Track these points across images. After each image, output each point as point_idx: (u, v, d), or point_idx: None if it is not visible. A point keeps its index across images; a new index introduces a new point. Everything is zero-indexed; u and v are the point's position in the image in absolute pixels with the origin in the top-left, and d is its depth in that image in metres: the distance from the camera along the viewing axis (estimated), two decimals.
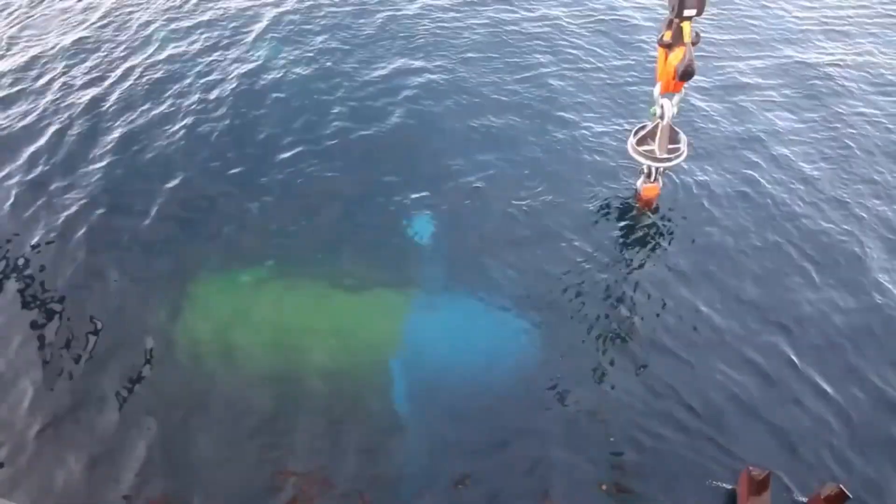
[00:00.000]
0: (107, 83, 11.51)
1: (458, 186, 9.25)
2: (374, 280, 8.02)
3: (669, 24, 7.15)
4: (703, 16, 6.99)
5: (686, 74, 7.25)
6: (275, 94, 11.09)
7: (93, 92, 11.30)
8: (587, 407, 6.66)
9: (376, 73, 11.57)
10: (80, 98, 11.18)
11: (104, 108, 10.89)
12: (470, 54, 12.14)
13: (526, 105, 10.81)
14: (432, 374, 7.02)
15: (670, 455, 6.22)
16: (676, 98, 7.81)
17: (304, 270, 8.16)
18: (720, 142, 10.02)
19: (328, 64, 11.88)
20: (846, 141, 10.03)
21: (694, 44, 7.15)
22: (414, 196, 9.07)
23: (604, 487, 6.01)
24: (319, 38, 12.63)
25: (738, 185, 9.20)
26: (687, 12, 6.94)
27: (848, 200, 8.96)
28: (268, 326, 7.52)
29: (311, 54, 12.15)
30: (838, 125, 10.36)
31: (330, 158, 9.74)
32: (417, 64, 11.84)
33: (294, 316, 7.66)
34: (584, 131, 10.19)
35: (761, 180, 9.27)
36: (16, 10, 14.13)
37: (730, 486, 5.92)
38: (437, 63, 11.87)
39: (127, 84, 11.48)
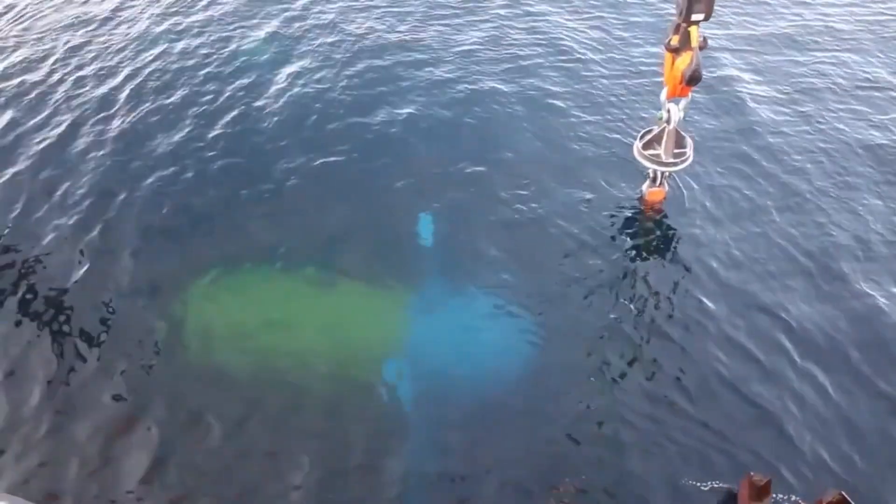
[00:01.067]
0: (106, 84, 11.56)
1: (462, 186, 9.27)
2: (376, 280, 8.03)
3: (677, 29, 7.16)
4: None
5: (693, 79, 7.26)
6: (274, 94, 11.13)
7: (97, 93, 11.35)
8: (589, 406, 6.66)
9: (375, 71, 11.65)
10: (86, 99, 11.25)
11: (109, 109, 10.95)
12: (474, 52, 12.21)
13: (531, 107, 10.82)
14: (434, 374, 7.02)
15: (670, 456, 6.20)
16: (683, 103, 7.81)
17: (307, 270, 8.18)
18: (723, 141, 10.03)
19: (326, 62, 11.94)
20: (844, 139, 10.06)
21: (701, 48, 7.16)
22: (416, 195, 9.09)
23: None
24: (318, 35, 12.72)
25: (743, 187, 9.20)
26: (694, 17, 6.95)
27: (850, 200, 8.95)
28: (270, 325, 7.53)
29: (309, 53, 12.22)
30: (836, 124, 10.38)
31: (331, 158, 9.75)
32: (418, 60, 11.92)
33: (296, 315, 7.69)
34: (588, 134, 10.19)
35: (765, 181, 9.29)
36: (22, 9, 14.26)
37: (726, 486, 5.91)
38: (440, 59, 11.93)
39: (130, 85, 11.51)
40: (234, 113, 10.70)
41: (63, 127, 10.58)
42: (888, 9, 13.44)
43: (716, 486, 5.93)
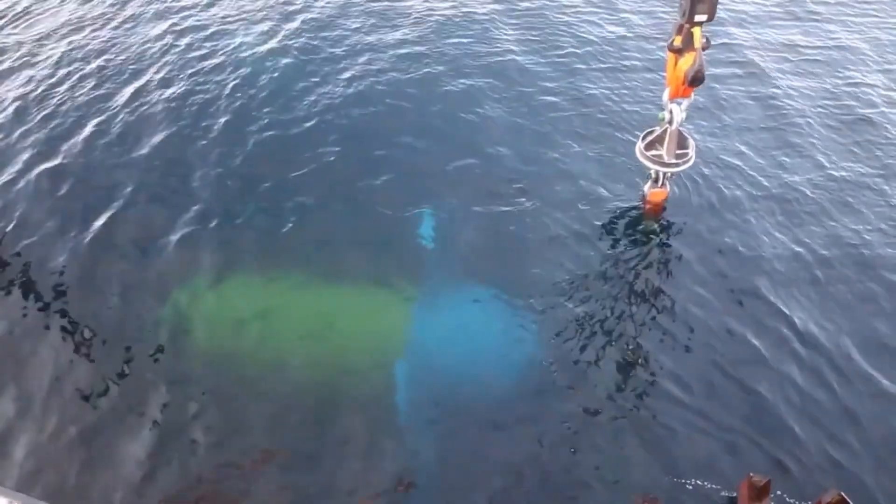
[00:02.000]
0: (106, 84, 11.57)
1: (463, 183, 9.28)
2: (376, 279, 8.04)
3: (680, 30, 7.16)
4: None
5: (696, 80, 7.26)
6: (274, 93, 11.14)
7: (96, 92, 11.36)
8: (590, 403, 6.69)
9: (374, 65, 11.69)
10: (85, 98, 11.25)
11: (109, 109, 10.96)
12: (474, 50, 12.20)
13: (533, 103, 10.83)
14: (435, 373, 7.03)
15: (672, 452, 6.23)
16: (685, 103, 7.81)
17: (306, 270, 8.20)
18: (727, 142, 10.03)
19: (324, 56, 12.03)
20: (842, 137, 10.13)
21: (704, 49, 7.17)
22: (417, 193, 9.11)
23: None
24: (318, 30, 12.79)
25: (746, 188, 9.21)
26: (698, 17, 6.96)
27: (852, 194, 8.99)
28: (270, 325, 7.55)
29: (308, 51, 12.25)
30: (851, 108, 10.49)
31: (331, 157, 9.76)
32: (417, 54, 11.96)
33: (296, 315, 7.69)
34: (589, 134, 10.20)
35: (766, 178, 9.32)
36: (24, 9, 14.28)
37: (717, 488, 5.93)
38: (439, 54, 11.97)
39: (129, 85, 11.51)
40: (233, 113, 10.69)
41: (63, 126, 10.61)
42: None
43: (698, 483, 5.95)
